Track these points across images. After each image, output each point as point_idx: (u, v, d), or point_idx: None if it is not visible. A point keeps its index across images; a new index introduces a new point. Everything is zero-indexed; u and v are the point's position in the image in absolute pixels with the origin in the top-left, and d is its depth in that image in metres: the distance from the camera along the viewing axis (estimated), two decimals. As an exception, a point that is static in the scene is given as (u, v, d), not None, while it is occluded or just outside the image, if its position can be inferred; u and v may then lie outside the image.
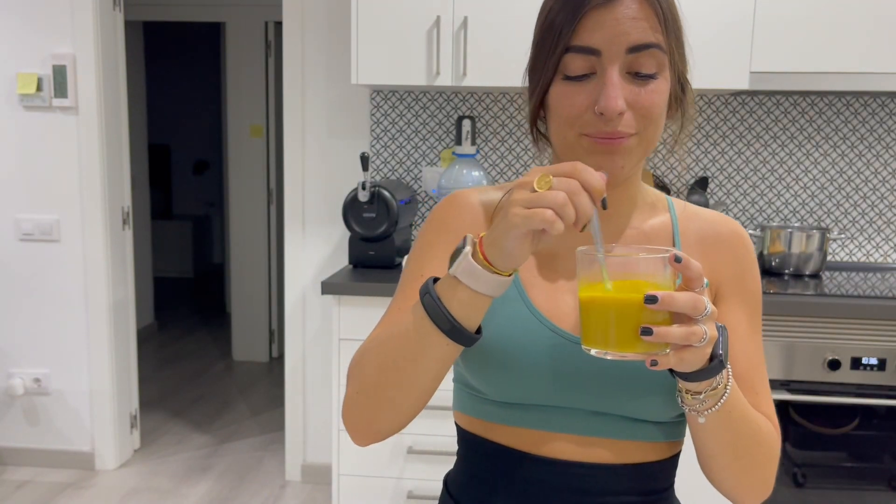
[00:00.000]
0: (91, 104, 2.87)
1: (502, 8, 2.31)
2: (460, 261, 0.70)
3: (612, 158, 0.79)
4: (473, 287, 0.69)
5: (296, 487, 2.95)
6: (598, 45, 0.77)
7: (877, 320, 2.04)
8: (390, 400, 0.78)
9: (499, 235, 0.68)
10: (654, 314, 0.66)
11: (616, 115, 0.76)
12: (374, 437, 0.83)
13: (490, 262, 0.69)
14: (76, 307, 2.99)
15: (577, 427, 0.83)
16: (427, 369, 0.75)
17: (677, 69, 0.83)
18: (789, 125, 2.61)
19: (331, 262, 2.86)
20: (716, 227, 0.89)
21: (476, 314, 0.72)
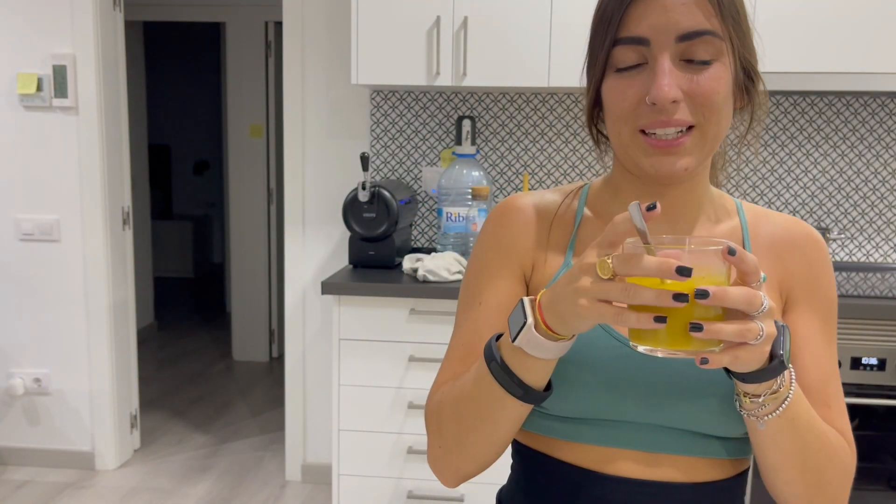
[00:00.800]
0: (91, 104, 2.87)
1: (502, 8, 2.31)
2: (524, 333, 0.68)
3: (670, 160, 0.75)
4: (540, 356, 0.69)
5: (296, 487, 2.96)
6: (646, 34, 0.73)
7: (877, 320, 2.04)
8: (474, 453, 0.80)
9: (564, 316, 0.65)
10: (707, 310, 0.62)
11: (668, 104, 0.73)
12: (463, 479, 0.84)
13: (553, 330, 0.67)
14: (76, 307, 2.99)
15: (641, 443, 0.80)
16: (507, 427, 0.77)
17: (740, 57, 0.77)
18: (789, 125, 2.61)
19: (331, 262, 2.86)
20: (788, 231, 0.85)
21: (545, 375, 0.72)
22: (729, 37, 0.75)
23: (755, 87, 0.81)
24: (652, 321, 0.60)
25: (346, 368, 2.26)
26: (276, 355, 4.73)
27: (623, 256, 0.61)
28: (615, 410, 0.79)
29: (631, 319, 0.61)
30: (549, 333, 0.68)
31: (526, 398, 0.72)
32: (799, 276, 0.83)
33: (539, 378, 0.72)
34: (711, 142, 0.76)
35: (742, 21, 0.77)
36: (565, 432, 0.82)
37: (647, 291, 0.59)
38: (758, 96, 0.81)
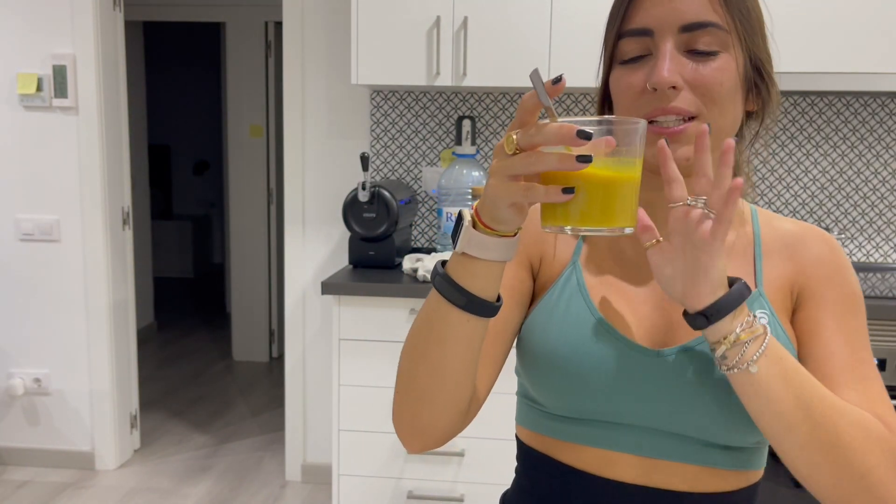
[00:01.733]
0: (91, 104, 2.87)
1: (502, 8, 2.31)
2: (463, 234, 0.68)
3: (672, 148, 0.74)
4: (483, 256, 0.67)
5: (296, 487, 2.95)
6: (649, 25, 0.74)
7: (877, 320, 2.04)
8: (424, 391, 0.75)
9: (488, 206, 0.65)
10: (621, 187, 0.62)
11: (667, 88, 0.73)
12: (421, 438, 0.78)
13: (492, 228, 0.67)
14: (76, 307, 2.99)
15: (644, 447, 0.78)
16: (454, 353, 0.72)
17: (749, 51, 0.77)
18: (789, 125, 2.61)
19: (331, 262, 2.86)
20: (800, 235, 0.84)
21: (491, 283, 0.70)
22: (736, 30, 0.74)
23: (767, 87, 0.79)
24: (560, 193, 0.60)
25: (346, 368, 2.26)
26: (276, 355, 4.73)
27: (526, 128, 0.60)
28: (615, 412, 0.78)
29: (539, 192, 0.60)
30: (486, 230, 0.67)
31: (470, 307, 0.69)
32: (809, 273, 0.81)
33: (484, 285, 0.69)
34: (714, 134, 0.75)
35: (752, 17, 0.76)
36: (566, 433, 0.81)
37: (549, 155, 0.59)
38: (770, 97, 0.80)
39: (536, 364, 0.80)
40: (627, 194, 0.63)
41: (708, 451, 0.77)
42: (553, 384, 0.79)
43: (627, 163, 0.63)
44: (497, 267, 0.69)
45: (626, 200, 0.63)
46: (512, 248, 0.68)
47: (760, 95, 0.80)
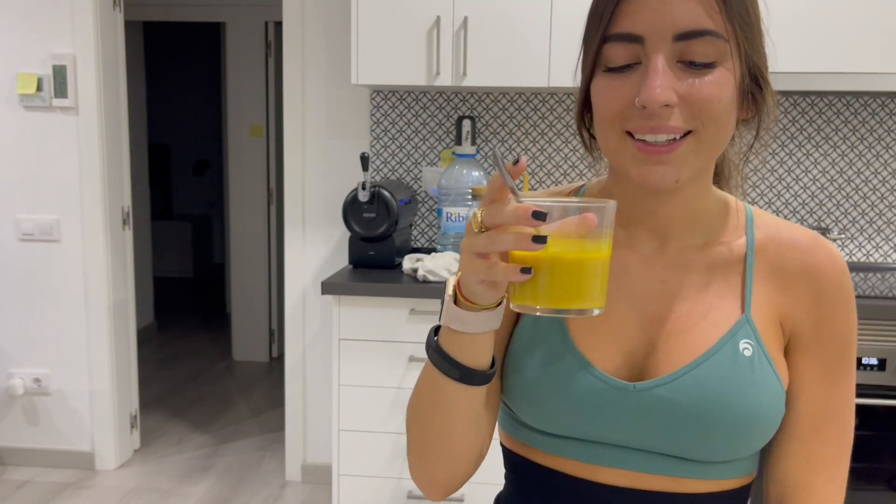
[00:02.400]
0: (91, 104, 2.87)
1: (502, 8, 2.31)
2: (446, 310, 0.67)
3: (660, 170, 0.68)
4: (465, 330, 0.67)
5: (296, 487, 2.95)
6: (639, 31, 0.67)
7: (877, 320, 2.03)
8: (438, 454, 0.76)
9: (464, 282, 0.64)
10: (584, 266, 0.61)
11: (660, 108, 0.66)
12: (442, 490, 0.79)
13: (472, 301, 0.65)
14: (76, 307, 2.99)
15: (628, 463, 0.76)
16: (459, 417, 0.73)
17: (747, 60, 0.70)
18: (789, 125, 2.61)
19: (331, 262, 2.86)
20: (801, 254, 0.76)
21: (482, 353, 0.69)
22: (735, 38, 0.68)
23: (763, 95, 0.73)
24: (518, 273, 0.60)
25: (346, 368, 2.26)
26: (276, 355, 4.73)
27: (489, 207, 0.60)
28: (594, 433, 0.76)
29: (499, 271, 0.60)
30: (468, 304, 0.66)
31: (464, 379, 0.69)
32: (806, 311, 0.75)
33: (475, 356, 0.69)
34: (708, 152, 0.70)
35: (753, 21, 0.70)
36: (549, 445, 0.79)
37: (507, 235, 0.59)
38: (766, 106, 0.74)
39: (515, 388, 0.78)
40: (594, 275, 0.62)
41: (696, 466, 0.75)
42: (531, 411, 0.78)
43: (594, 243, 0.62)
44: (483, 337, 0.68)
45: (592, 281, 0.62)
46: (495, 318, 0.67)
47: (755, 103, 0.74)
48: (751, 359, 0.73)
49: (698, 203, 0.77)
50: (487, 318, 0.66)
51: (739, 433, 0.72)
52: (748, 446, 0.74)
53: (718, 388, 0.72)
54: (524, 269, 0.60)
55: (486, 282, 0.63)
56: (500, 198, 0.61)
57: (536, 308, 0.62)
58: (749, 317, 0.75)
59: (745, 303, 0.75)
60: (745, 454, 0.75)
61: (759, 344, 0.74)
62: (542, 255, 0.60)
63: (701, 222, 0.78)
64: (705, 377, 0.72)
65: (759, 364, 0.73)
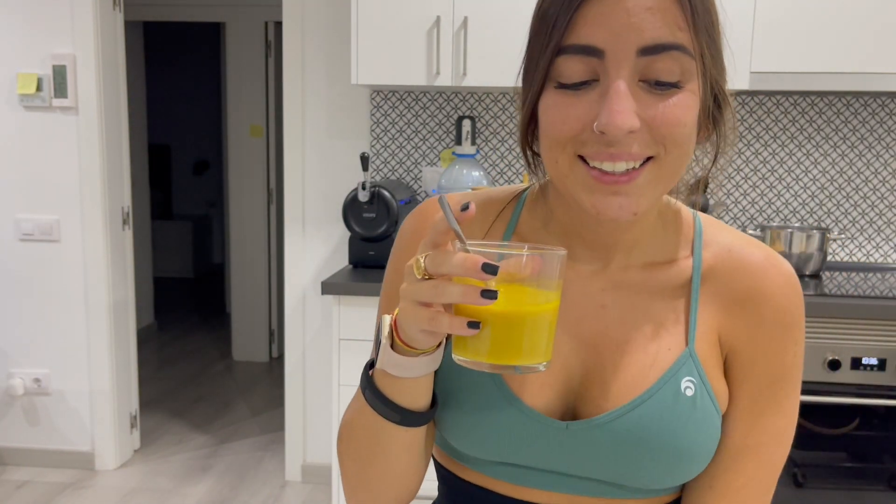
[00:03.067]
0: (91, 104, 2.87)
1: (502, 8, 2.31)
2: (382, 354, 0.63)
3: (618, 200, 0.62)
4: (403, 375, 0.63)
5: (296, 487, 2.95)
6: (599, 44, 0.59)
7: (877, 320, 2.03)
8: (378, 494, 0.74)
9: (403, 327, 0.60)
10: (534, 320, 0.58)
11: (623, 135, 0.60)
12: None
13: (410, 346, 0.61)
14: (76, 307, 2.99)
15: (561, 486, 0.72)
16: (399, 456, 0.70)
17: (711, 78, 0.64)
18: (789, 125, 2.61)
19: (331, 262, 2.86)
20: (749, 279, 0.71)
21: (421, 394, 0.65)
22: (701, 55, 0.61)
23: (723, 115, 0.67)
24: (465, 327, 0.55)
25: (346, 368, 2.26)
26: (276, 355, 4.73)
27: (434, 254, 0.56)
28: (529, 462, 0.72)
29: (444, 323, 0.56)
30: (406, 349, 0.61)
31: (405, 422, 0.66)
32: (743, 338, 0.70)
33: (414, 398, 0.65)
34: (668, 179, 0.64)
35: (716, 37, 0.64)
36: (477, 465, 0.75)
37: (453, 287, 0.54)
38: (725, 126, 0.68)
39: (443, 421, 0.73)
40: (542, 329, 0.58)
41: (627, 490, 0.72)
42: (459, 441, 0.73)
43: (543, 295, 0.57)
44: (424, 380, 0.64)
45: (541, 335, 0.58)
46: (434, 362, 0.63)
47: (716, 123, 0.68)
48: (692, 398, 0.68)
49: (644, 226, 0.71)
50: (427, 362, 0.62)
51: (676, 467, 0.69)
52: (684, 477, 0.71)
53: (656, 429, 0.67)
54: (472, 323, 0.55)
55: (425, 331, 0.58)
56: (443, 242, 0.57)
57: (483, 364, 0.58)
58: (693, 350, 0.69)
59: (689, 334, 0.70)
60: (680, 482, 0.72)
61: (702, 380, 0.69)
62: (490, 309, 0.56)
63: (647, 240, 0.72)
64: (644, 418, 0.68)
65: (700, 402, 0.69)
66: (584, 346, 0.71)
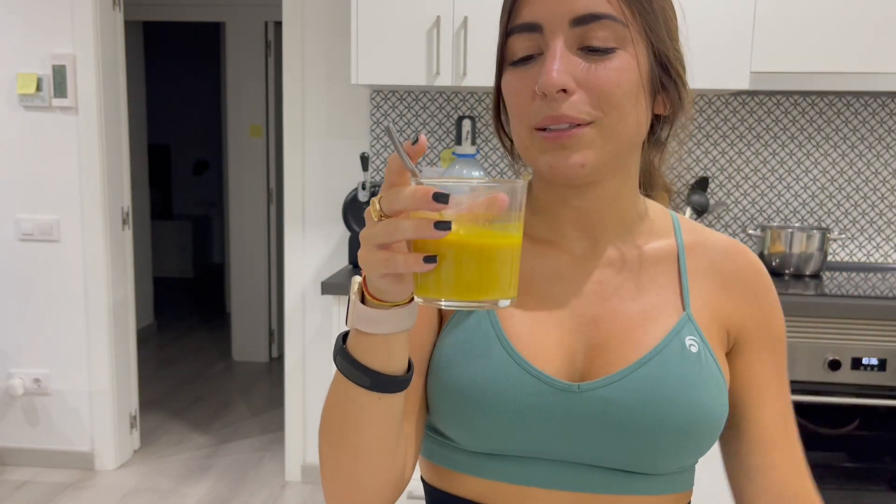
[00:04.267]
0: (91, 104, 2.87)
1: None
2: (352, 310, 0.61)
3: (565, 154, 0.66)
4: (375, 331, 0.60)
5: (296, 487, 2.95)
6: (538, 19, 0.66)
7: (877, 320, 2.03)
8: (351, 477, 0.68)
9: (368, 277, 0.59)
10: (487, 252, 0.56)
11: (556, 92, 0.65)
12: None
13: (379, 299, 0.60)
14: (76, 307, 2.99)
15: (564, 482, 0.71)
16: (373, 434, 0.66)
17: (654, 49, 0.68)
18: (789, 125, 2.61)
19: (331, 262, 2.86)
20: (731, 258, 0.76)
21: (395, 356, 0.63)
22: (637, 23, 0.67)
23: (676, 88, 0.71)
24: (421, 262, 0.54)
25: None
26: (276, 355, 4.73)
27: (388, 192, 0.55)
28: (532, 449, 0.71)
29: (399, 262, 0.54)
30: (374, 302, 0.60)
31: (376, 386, 0.62)
32: (749, 315, 0.76)
33: (387, 360, 0.62)
34: (614, 140, 0.68)
35: (654, 9, 0.68)
36: (474, 468, 0.73)
37: (406, 221, 0.53)
38: (680, 100, 0.72)
39: (444, 400, 0.72)
40: (503, 263, 0.57)
41: (633, 481, 0.71)
42: (463, 422, 0.71)
43: (502, 227, 0.56)
44: (397, 338, 0.62)
45: (502, 269, 0.57)
46: (408, 317, 0.61)
47: (670, 97, 0.72)
48: (698, 355, 0.71)
49: (625, 203, 0.75)
50: (399, 315, 0.60)
51: (688, 435, 0.69)
52: (695, 450, 0.71)
53: (668, 386, 0.69)
54: (427, 257, 0.54)
55: (389, 275, 0.57)
56: (399, 182, 0.56)
57: (441, 300, 0.56)
58: (690, 314, 0.73)
59: (685, 301, 0.74)
60: (690, 460, 0.73)
61: (703, 341, 0.72)
62: (446, 243, 0.55)
63: (630, 222, 0.76)
64: (654, 375, 0.69)
65: (705, 360, 0.71)
66: (586, 321, 0.73)
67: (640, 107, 0.68)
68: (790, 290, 2.15)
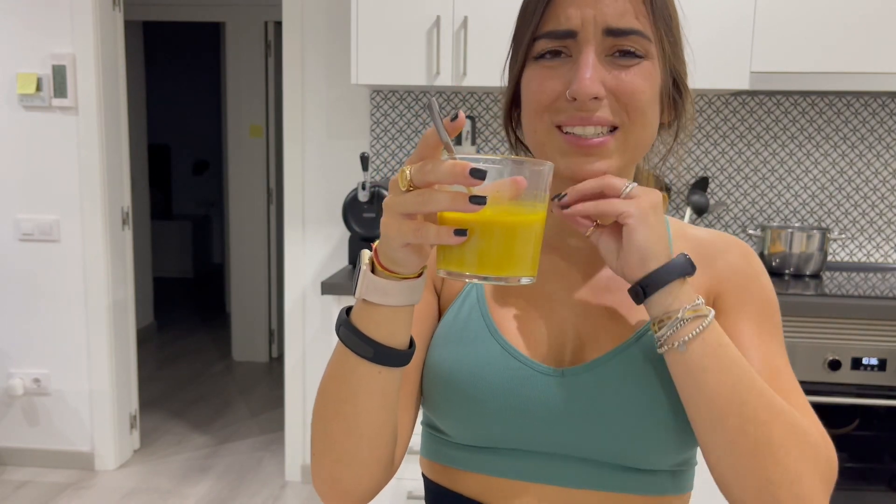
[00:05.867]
0: (91, 104, 2.87)
1: (502, 8, 2.31)
2: (362, 280, 0.62)
3: (590, 161, 0.69)
4: (384, 302, 0.62)
5: (296, 487, 2.95)
6: (572, 26, 0.68)
7: (877, 320, 2.03)
8: (343, 453, 0.69)
9: (384, 246, 0.60)
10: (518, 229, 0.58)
11: (590, 100, 0.68)
12: (343, 499, 0.72)
13: (392, 270, 0.61)
14: (76, 307, 2.99)
15: (557, 477, 0.72)
16: (369, 408, 0.67)
17: (669, 64, 0.73)
18: (789, 125, 2.61)
19: (331, 262, 2.86)
20: (714, 241, 0.79)
21: (399, 329, 0.64)
22: (660, 41, 0.70)
23: (683, 102, 0.75)
24: (452, 235, 0.56)
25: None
26: (275, 355, 4.73)
27: (421, 164, 0.56)
28: (519, 438, 0.72)
29: (430, 233, 0.56)
30: (385, 273, 0.61)
31: (378, 358, 0.64)
32: (725, 280, 0.76)
33: (392, 332, 0.64)
34: (634, 147, 0.71)
35: (674, 28, 0.72)
36: (468, 462, 0.75)
37: (440, 194, 0.55)
38: (685, 112, 0.76)
39: (435, 387, 0.74)
40: (528, 241, 0.59)
41: (623, 477, 0.71)
42: (453, 409, 0.73)
43: (530, 206, 0.59)
44: (403, 312, 0.63)
45: (526, 247, 0.59)
46: (416, 290, 0.63)
47: (675, 108, 0.75)
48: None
49: None
50: (409, 288, 0.62)
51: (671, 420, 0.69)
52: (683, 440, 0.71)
53: (648, 368, 0.70)
54: (458, 231, 0.56)
55: (410, 246, 0.59)
56: (432, 155, 0.57)
57: (465, 274, 0.58)
58: None
59: None
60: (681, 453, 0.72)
61: None
62: (476, 218, 0.56)
63: None
64: (635, 359, 0.71)
65: None
66: (576, 314, 0.76)
67: (656, 116, 0.72)
68: (790, 290, 2.15)
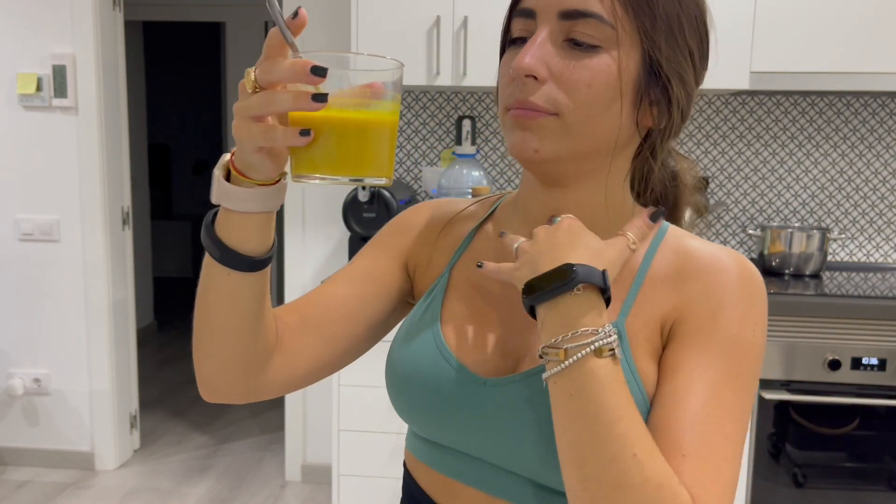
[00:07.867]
0: (91, 104, 2.87)
1: (502, 8, 2.30)
2: (215, 186, 0.62)
3: (523, 135, 0.66)
4: (237, 208, 0.62)
5: (296, 487, 2.95)
6: (532, 6, 0.67)
7: (877, 320, 2.03)
8: (199, 343, 0.76)
9: (240, 151, 0.60)
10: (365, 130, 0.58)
11: (524, 76, 0.65)
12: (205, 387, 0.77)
13: (247, 176, 0.61)
14: (76, 307, 2.99)
15: (484, 483, 0.71)
16: (219, 309, 0.70)
17: (649, 56, 0.65)
18: (789, 125, 2.61)
19: (331, 262, 2.86)
20: (701, 260, 0.70)
21: (251, 236, 0.64)
22: (629, 27, 0.64)
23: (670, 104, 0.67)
24: (297, 136, 0.56)
25: (345, 368, 2.25)
26: (276, 355, 4.72)
27: (264, 63, 0.55)
28: (453, 439, 0.72)
29: (278, 135, 0.56)
30: (241, 178, 0.61)
31: (224, 260, 0.64)
32: (691, 304, 0.67)
33: (243, 239, 0.64)
34: (578, 139, 0.66)
35: (660, 16, 0.65)
36: (425, 455, 0.77)
37: (283, 94, 0.54)
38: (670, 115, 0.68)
39: (388, 378, 0.77)
40: (377, 141, 0.58)
41: (542, 496, 0.68)
42: (398, 399, 0.75)
43: (379, 105, 0.58)
44: (256, 218, 0.63)
45: (375, 147, 0.58)
46: (272, 197, 0.62)
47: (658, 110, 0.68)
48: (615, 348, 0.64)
49: (597, 209, 0.72)
50: (263, 195, 0.62)
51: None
52: None
53: None
54: (303, 130, 0.56)
55: (263, 150, 0.59)
56: (277, 55, 0.56)
57: (315, 176, 0.58)
58: (622, 324, 0.68)
59: (622, 310, 0.69)
60: None
61: (625, 352, 0.66)
62: (322, 118, 0.56)
63: (602, 229, 0.71)
64: None
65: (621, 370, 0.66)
66: (529, 325, 0.72)
67: (615, 112, 0.66)
68: (790, 290, 2.15)
